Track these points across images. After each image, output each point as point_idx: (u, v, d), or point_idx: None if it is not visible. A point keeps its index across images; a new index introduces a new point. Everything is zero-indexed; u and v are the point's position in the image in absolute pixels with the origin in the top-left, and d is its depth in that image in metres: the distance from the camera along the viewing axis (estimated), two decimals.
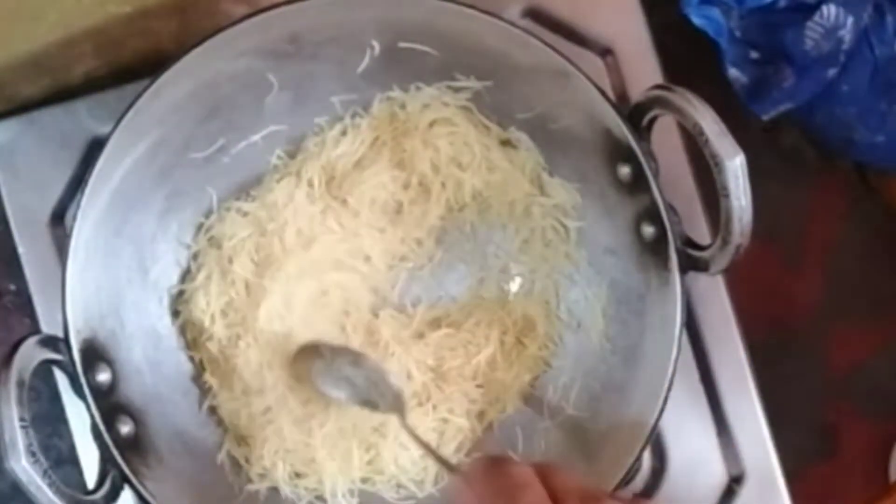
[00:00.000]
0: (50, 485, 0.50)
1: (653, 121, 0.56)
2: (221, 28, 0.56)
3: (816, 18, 0.64)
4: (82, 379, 0.55)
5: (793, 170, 0.75)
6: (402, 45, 0.60)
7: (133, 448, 0.57)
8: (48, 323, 0.63)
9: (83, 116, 0.65)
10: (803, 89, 0.66)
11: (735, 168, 0.51)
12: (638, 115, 0.56)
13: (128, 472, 0.54)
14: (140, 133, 0.58)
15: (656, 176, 0.56)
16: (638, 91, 0.57)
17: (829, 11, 0.64)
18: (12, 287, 0.69)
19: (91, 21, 0.59)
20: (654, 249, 0.58)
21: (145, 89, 0.56)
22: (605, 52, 0.66)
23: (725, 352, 0.65)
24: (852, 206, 0.76)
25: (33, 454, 0.49)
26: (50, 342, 0.54)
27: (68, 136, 0.65)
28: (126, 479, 0.55)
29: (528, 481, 0.47)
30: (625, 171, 0.58)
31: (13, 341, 0.52)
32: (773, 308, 0.75)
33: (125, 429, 0.57)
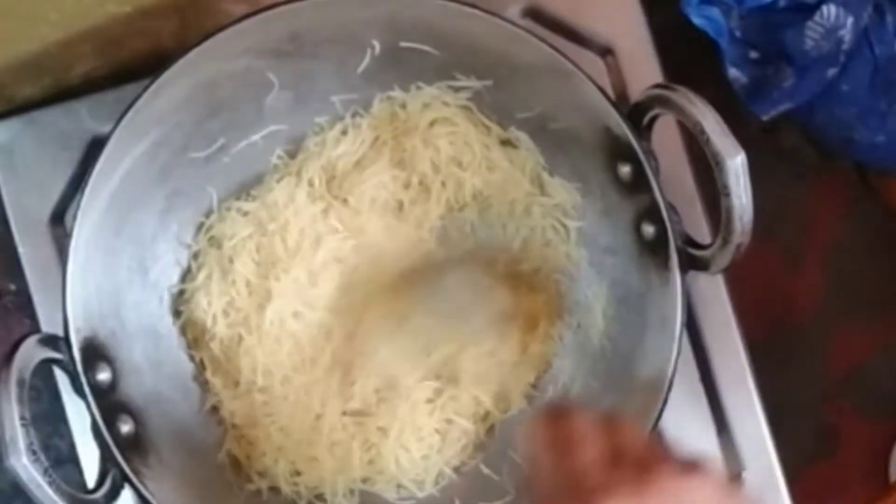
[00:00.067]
0: (50, 483, 0.50)
1: (653, 120, 0.56)
2: (221, 27, 0.56)
3: (816, 18, 0.64)
4: (82, 378, 0.55)
5: (793, 170, 0.75)
6: (403, 44, 0.60)
7: (133, 447, 0.57)
8: (48, 323, 0.63)
9: (83, 116, 0.65)
10: (803, 89, 0.66)
11: (736, 167, 0.51)
12: (638, 115, 0.56)
13: (128, 471, 0.54)
14: (140, 133, 0.58)
15: (657, 175, 0.56)
16: (638, 91, 0.57)
17: (829, 11, 0.64)
18: (12, 287, 0.69)
19: (91, 21, 0.59)
20: (655, 249, 0.58)
21: (145, 89, 0.56)
22: (605, 52, 0.66)
23: (725, 352, 0.65)
24: (852, 206, 0.76)
25: (34, 453, 0.49)
26: (50, 341, 0.54)
27: (68, 136, 0.65)
28: (126, 478, 0.55)
29: (587, 435, 0.45)
30: (625, 171, 0.58)
31: (13, 341, 0.52)
32: (773, 308, 0.75)
33: (125, 428, 0.57)
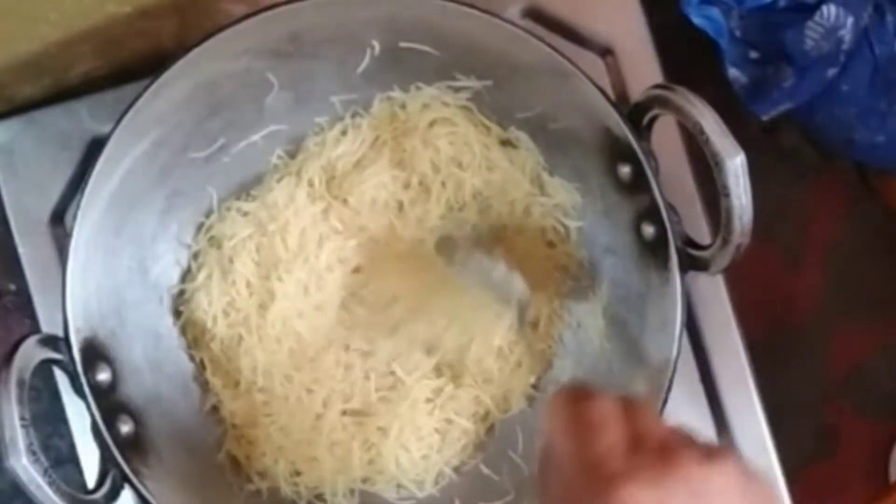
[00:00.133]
0: (50, 484, 0.50)
1: (653, 120, 0.56)
2: (221, 28, 0.56)
3: (816, 18, 0.64)
4: (82, 378, 0.55)
5: (793, 170, 0.75)
6: (402, 45, 0.60)
7: (133, 447, 0.57)
8: (48, 323, 0.63)
9: (83, 116, 0.65)
10: (803, 89, 0.66)
11: (735, 167, 0.51)
12: (638, 115, 0.56)
13: (128, 471, 0.54)
14: (140, 133, 0.58)
15: (656, 175, 0.56)
16: (638, 91, 0.57)
17: (829, 11, 0.64)
18: (12, 287, 0.69)
19: (91, 21, 0.59)
20: (654, 249, 0.58)
21: (145, 89, 0.56)
22: (605, 52, 0.66)
23: (725, 352, 0.65)
24: (852, 206, 0.76)
25: (34, 453, 0.49)
26: (50, 341, 0.54)
27: (68, 136, 0.65)
28: (126, 478, 0.55)
29: (607, 419, 0.44)
30: (625, 171, 0.58)
31: (13, 341, 0.52)
32: (773, 308, 0.75)
33: (125, 428, 0.57)
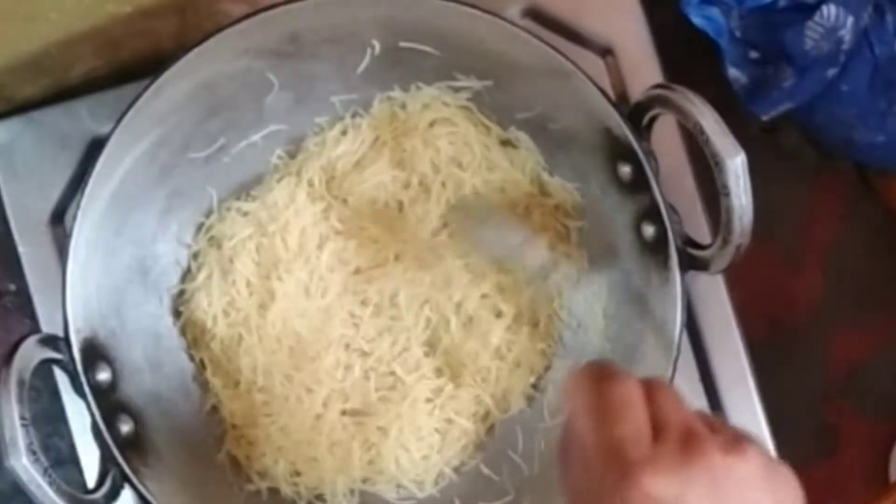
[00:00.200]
0: (50, 483, 0.50)
1: (653, 120, 0.56)
2: (221, 28, 0.56)
3: (816, 18, 0.64)
4: (82, 378, 0.55)
5: (793, 170, 0.75)
6: (403, 44, 0.60)
7: (133, 447, 0.57)
8: (48, 323, 0.63)
9: (83, 116, 0.65)
10: (803, 89, 0.66)
11: (735, 167, 0.51)
12: (638, 115, 0.56)
13: (128, 471, 0.54)
14: (140, 133, 0.58)
15: (656, 175, 0.56)
16: (638, 91, 0.57)
17: (829, 11, 0.64)
18: (12, 287, 0.69)
19: (91, 21, 0.59)
20: (655, 249, 0.58)
21: (145, 89, 0.56)
22: (605, 52, 0.66)
23: (725, 352, 0.65)
24: (852, 206, 0.76)
25: (34, 453, 0.49)
26: (50, 341, 0.54)
27: (68, 136, 0.65)
28: (126, 478, 0.55)
29: (629, 402, 0.44)
30: (625, 171, 0.58)
31: (13, 341, 0.52)
32: (773, 308, 0.75)
33: (125, 428, 0.57)
